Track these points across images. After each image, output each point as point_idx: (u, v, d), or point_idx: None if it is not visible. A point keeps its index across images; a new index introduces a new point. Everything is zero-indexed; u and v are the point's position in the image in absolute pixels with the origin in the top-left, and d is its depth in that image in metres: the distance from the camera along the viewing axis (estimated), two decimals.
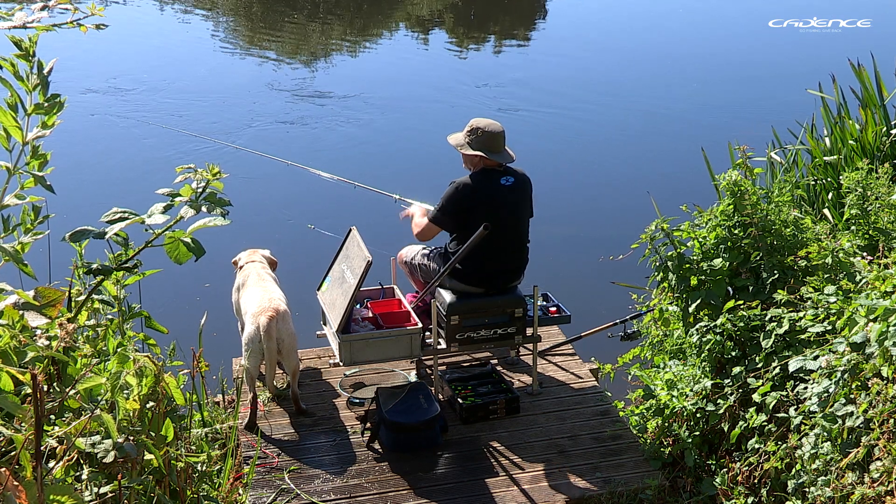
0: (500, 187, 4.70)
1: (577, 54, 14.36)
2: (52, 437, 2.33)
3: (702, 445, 4.35)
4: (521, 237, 4.83)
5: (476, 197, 4.67)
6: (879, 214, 4.71)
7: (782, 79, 12.26)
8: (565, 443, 4.57)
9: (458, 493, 4.18)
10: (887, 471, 3.18)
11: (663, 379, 4.62)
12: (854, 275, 4.04)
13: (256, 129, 10.78)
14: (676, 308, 4.71)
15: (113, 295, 3.60)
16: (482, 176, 4.73)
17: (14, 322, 2.32)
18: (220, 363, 5.29)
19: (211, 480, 3.75)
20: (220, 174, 2.62)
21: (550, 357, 5.43)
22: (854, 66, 6.60)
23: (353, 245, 4.84)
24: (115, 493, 2.46)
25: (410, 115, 11.40)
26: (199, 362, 3.48)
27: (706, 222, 4.59)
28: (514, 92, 12.34)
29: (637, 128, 10.94)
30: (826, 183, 6.08)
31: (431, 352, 4.83)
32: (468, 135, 4.75)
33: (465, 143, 4.75)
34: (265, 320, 4.52)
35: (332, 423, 4.76)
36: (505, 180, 4.73)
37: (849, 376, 3.46)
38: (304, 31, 16.57)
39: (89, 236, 2.65)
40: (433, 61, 14.32)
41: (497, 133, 4.72)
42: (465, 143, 4.75)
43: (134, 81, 12.51)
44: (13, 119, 2.47)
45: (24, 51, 2.46)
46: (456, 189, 4.70)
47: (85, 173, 9.18)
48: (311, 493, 4.17)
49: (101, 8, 2.43)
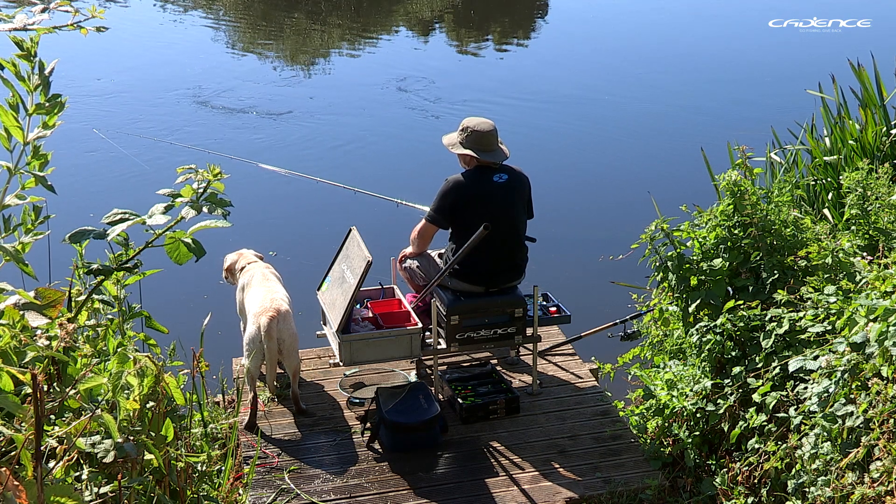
0: (493, 184, 4.72)
1: (576, 54, 14.36)
2: (52, 437, 2.33)
3: (702, 445, 4.35)
4: (517, 234, 4.83)
5: (468, 193, 4.69)
6: (879, 214, 4.71)
7: (782, 79, 12.26)
8: (565, 443, 4.57)
9: (458, 493, 4.18)
10: (887, 471, 3.19)
11: (663, 379, 4.62)
12: (854, 275, 4.04)
13: (257, 129, 10.79)
14: (676, 308, 4.71)
15: (113, 295, 3.60)
16: (475, 173, 4.76)
17: (15, 322, 2.32)
18: (220, 363, 5.29)
19: (211, 480, 3.75)
20: (221, 175, 2.62)
21: (550, 357, 5.43)
22: (854, 66, 6.60)
23: (353, 245, 4.84)
24: (115, 493, 2.46)
25: (410, 116, 11.40)
26: (200, 362, 3.48)
27: (706, 222, 4.59)
28: (515, 92, 12.34)
29: (637, 127, 10.94)
30: (826, 183, 6.08)
31: (431, 352, 4.83)
32: (460, 134, 4.79)
33: (458, 143, 4.79)
34: (266, 320, 4.52)
35: (332, 423, 4.76)
36: (498, 177, 4.75)
37: (849, 376, 3.46)
38: (305, 31, 16.57)
39: (89, 237, 2.65)
40: (433, 61, 14.31)
41: (488, 132, 4.74)
42: (458, 143, 4.79)
43: (135, 82, 12.52)
44: (14, 119, 2.47)
45: (25, 51, 2.47)
46: (448, 187, 4.73)
47: (85, 173, 9.18)
48: (311, 493, 4.17)
49: (101, 10, 2.43)
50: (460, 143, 4.78)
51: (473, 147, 4.74)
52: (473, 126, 4.75)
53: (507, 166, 4.82)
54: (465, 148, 4.75)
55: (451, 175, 4.78)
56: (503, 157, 4.79)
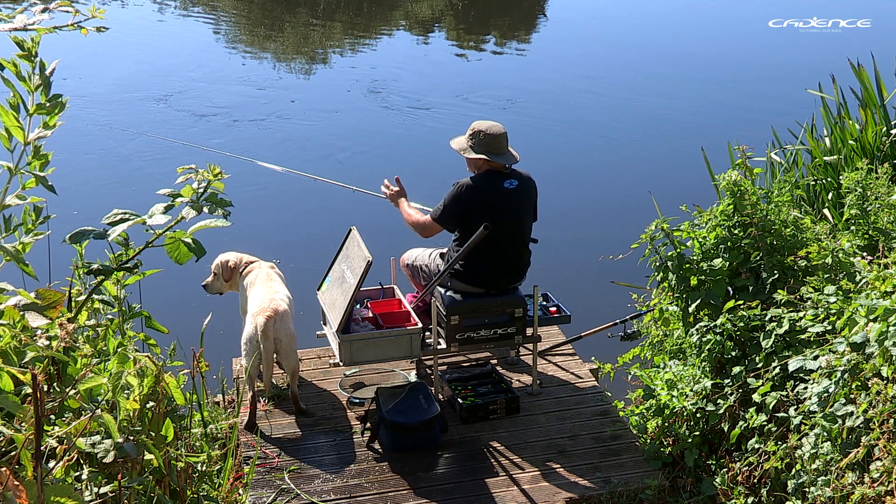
0: (504, 190, 4.68)
1: (576, 54, 14.35)
2: (52, 437, 2.33)
3: (702, 445, 4.35)
4: (522, 240, 4.81)
5: (478, 199, 4.65)
6: (879, 214, 4.71)
7: (782, 79, 12.26)
8: (565, 443, 4.57)
9: (458, 493, 4.18)
10: (887, 471, 3.19)
11: (663, 379, 4.62)
12: (854, 275, 4.04)
13: (257, 131, 10.79)
14: (676, 308, 4.71)
15: (113, 295, 3.60)
16: (485, 178, 4.71)
17: (15, 322, 2.32)
18: (220, 363, 5.30)
19: (211, 480, 3.74)
20: (222, 175, 2.62)
21: (550, 357, 5.43)
22: (854, 66, 6.59)
23: (353, 245, 4.84)
24: (115, 493, 2.46)
25: (410, 116, 11.39)
26: (200, 362, 3.48)
27: (706, 222, 4.59)
28: (515, 92, 12.33)
29: (637, 128, 10.94)
30: (826, 183, 6.08)
31: (431, 352, 4.83)
32: (470, 138, 4.72)
33: (468, 147, 4.73)
34: (262, 320, 4.53)
35: (332, 423, 4.76)
36: (509, 183, 4.70)
37: (849, 376, 3.46)
38: (305, 31, 16.57)
39: (90, 237, 2.65)
40: (433, 62, 14.31)
41: (499, 135, 4.69)
42: (468, 147, 4.73)
43: (135, 83, 12.52)
44: (15, 119, 2.47)
45: (26, 51, 2.47)
46: (458, 190, 4.68)
47: (85, 174, 9.18)
48: (311, 493, 4.17)
49: (101, 10, 2.43)
50: (471, 146, 4.72)
51: (485, 151, 4.68)
52: (485, 129, 4.68)
53: (517, 171, 4.78)
54: (477, 152, 4.69)
55: (462, 179, 4.72)
56: (513, 160, 4.73)
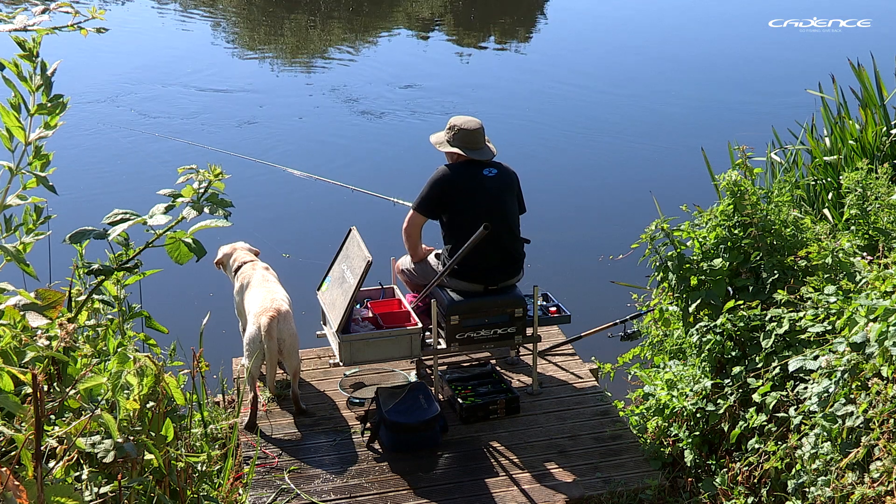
0: (482, 177, 4.76)
1: (576, 54, 14.35)
2: (52, 437, 2.33)
3: (702, 445, 4.35)
4: (510, 228, 4.82)
5: (455, 183, 4.72)
6: (879, 214, 4.71)
7: (782, 79, 12.26)
8: (565, 443, 4.57)
9: (458, 493, 4.18)
10: (887, 471, 3.19)
11: (663, 379, 4.62)
12: (854, 275, 4.04)
13: (256, 130, 10.79)
14: (676, 308, 4.71)
15: (113, 295, 3.60)
16: (463, 165, 4.80)
17: (15, 322, 2.33)
18: (220, 363, 5.30)
19: (211, 480, 3.74)
20: (222, 175, 2.62)
21: (550, 357, 5.43)
22: (854, 66, 6.59)
23: (353, 245, 4.84)
24: (115, 493, 2.46)
25: (409, 116, 11.39)
26: (200, 362, 3.48)
27: (706, 222, 4.59)
28: (514, 92, 12.34)
29: (637, 128, 10.93)
30: (826, 183, 6.07)
31: (431, 352, 4.83)
32: (447, 132, 4.84)
33: (445, 142, 4.84)
34: (266, 320, 4.53)
35: (332, 423, 4.76)
36: (488, 171, 4.79)
37: (849, 376, 3.46)
38: (304, 31, 16.57)
39: (90, 237, 2.65)
40: (433, 62, 14.31)
41: (474, 129, 4.77)
42: (445, 142, 4.84)
43: (135, 83, 12.51)
44: (16, 119, 2.48)
45: (27, 51, 2.47)
46: (436, 177, 4.76)
47: (85, 174, 9.18)
48: (311, 493, 4.17)
49: (101, 11, 2.43)
50: (447, 141, 4.83)
51: (460, 145, 4.78)
52: (460, 125, 4.80)
53: (495, 162, 4.86)
54: (452, 146, 4.80)
55: (440, 166, 4.81)
56: (490, 154, 4.83)
